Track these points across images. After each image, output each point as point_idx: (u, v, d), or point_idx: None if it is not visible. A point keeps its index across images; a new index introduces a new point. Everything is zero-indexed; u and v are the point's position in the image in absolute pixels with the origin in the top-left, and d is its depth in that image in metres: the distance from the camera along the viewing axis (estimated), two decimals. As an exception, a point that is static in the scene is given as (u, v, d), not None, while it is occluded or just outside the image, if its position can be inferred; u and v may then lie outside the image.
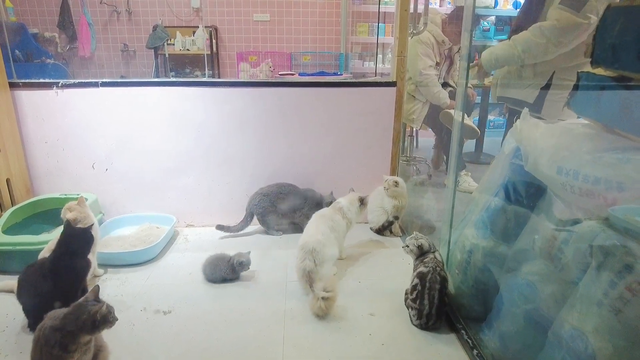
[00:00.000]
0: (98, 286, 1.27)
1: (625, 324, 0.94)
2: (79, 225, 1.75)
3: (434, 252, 1.69)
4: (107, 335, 1.32)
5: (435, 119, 3.14)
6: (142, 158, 2.45)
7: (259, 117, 2.42)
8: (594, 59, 1.04)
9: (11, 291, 1.75)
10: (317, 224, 1.94)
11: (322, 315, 1.65)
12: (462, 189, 2.86)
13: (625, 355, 0.94)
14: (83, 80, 2.33)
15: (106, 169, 2.46)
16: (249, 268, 1.93)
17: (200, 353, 1.48)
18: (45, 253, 1.74)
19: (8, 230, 2.11)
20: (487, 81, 3.35)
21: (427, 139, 4.11)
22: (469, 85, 2.98)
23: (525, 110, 1.44)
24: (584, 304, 1.02)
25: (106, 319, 1.18)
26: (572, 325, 1.02)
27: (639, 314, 0.91)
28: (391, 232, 2.50)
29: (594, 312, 0.98)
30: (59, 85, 2.32)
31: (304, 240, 1.88)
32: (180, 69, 5.07)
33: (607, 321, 0.95)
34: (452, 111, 2.93)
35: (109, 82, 2.34)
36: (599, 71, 1.09)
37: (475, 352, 1.43)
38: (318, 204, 2.37)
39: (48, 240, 1.81)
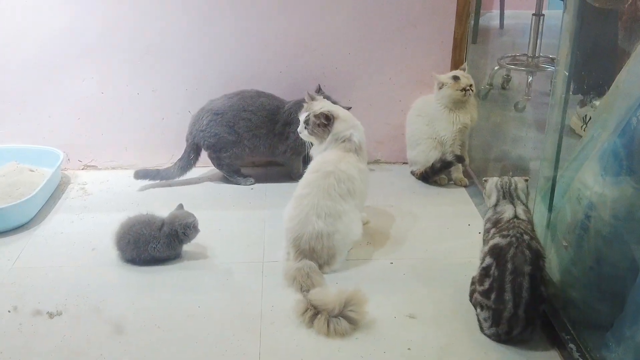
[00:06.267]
0: None
1: None
2: None
3: (515, 203, 1.43)
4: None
5: None
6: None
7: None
8: None
9: None
10: (316, 195, 1.57)
11: (335, 337, 1.39)
12: (584, 134, 2.13)
13: None
14: None
15: None
16: (197, 233, 1.66)
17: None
18: None
19: None
20: None
21: (521, 11, 3.27)
22: None
23: None
24: None
25: None
26: None
27: None
28: (450, 179, 2.02)
29: None
30: None
31: (294, 232, 1.57)
32: None
33: None
34: None
35: None
36: None
37: (593, 380, 1.23)
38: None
39: None
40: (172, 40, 2.02)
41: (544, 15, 2.58)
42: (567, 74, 1.40)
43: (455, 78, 1.88)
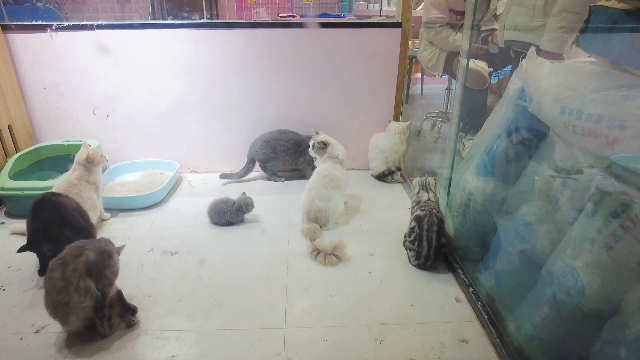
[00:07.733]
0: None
1: (615, 259, 0.95)
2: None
3: (428, 191, 1.67)
4: (118, 274, 1.35)
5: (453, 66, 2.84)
6: (142, 103, 2.39)
7: (259, 61, 2.33)
8: (611, -14, 0.97)
9: (24, 234, 1.77)
10: (318, 188, 1.83)
11: (328, 265, 1.66)
12: (465, 155, 2.42)
13: (612, 288, 0.96)
14: (78, 23, 2.24)
15: (107, 115, 2.42)
16: (253, 208, 1.93)
17: (207, 290, 1.51)
18: (61, 185, 1.74)
19: (14, 176, 2.10)
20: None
21: (433, 85, 3.90)
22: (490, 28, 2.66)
23: (532, 49, 1.35)
24: (577, 242, 1.03)
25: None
26: (565, 261, 1.04)
27: (629, 250, 0.93)
28: (393, 178, 2.46)
29: (586, 249, 0.99)
30: (53, 27, 2.24)
31: (306, 208, 1.84)
32: (178, 11, 4.83)
33: (598, 257, 0.96)
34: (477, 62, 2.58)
35: (105, 24, 2.26)
36: (612, 4, 1.03)
37: (471, 289, 1.46)
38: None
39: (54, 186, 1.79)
40: (240, 100, 2.41)
41: (452, 89, 3.03)
42: (457, 121, 1.69)
43: (408, 127, 2.28)
